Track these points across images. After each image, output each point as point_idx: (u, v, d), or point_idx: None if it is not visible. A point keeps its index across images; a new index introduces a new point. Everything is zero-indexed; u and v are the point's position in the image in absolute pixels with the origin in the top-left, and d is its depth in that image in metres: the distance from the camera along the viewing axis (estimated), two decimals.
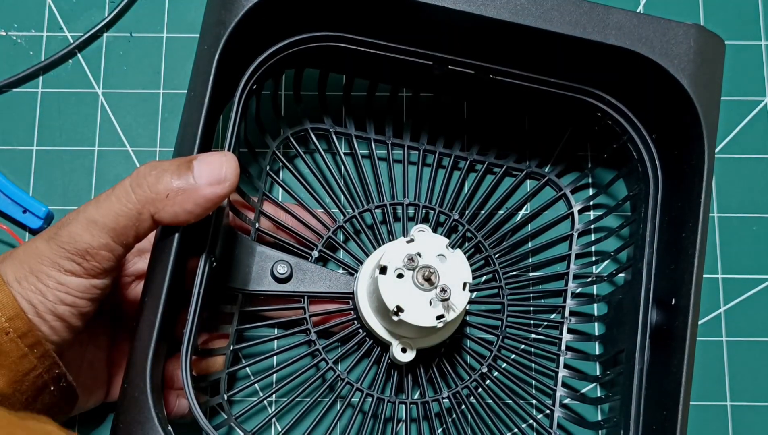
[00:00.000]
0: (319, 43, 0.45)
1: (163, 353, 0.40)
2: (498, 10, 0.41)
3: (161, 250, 0.38)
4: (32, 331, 0.36)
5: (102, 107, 0.52)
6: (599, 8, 0.41)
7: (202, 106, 0.39)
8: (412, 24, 0.43)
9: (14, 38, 0.53)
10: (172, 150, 0.41)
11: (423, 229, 0.45)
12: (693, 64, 0.41)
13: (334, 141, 0.50)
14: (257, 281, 0.45)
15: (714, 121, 0.41)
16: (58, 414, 0.39)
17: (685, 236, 0.41)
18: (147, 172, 0.37)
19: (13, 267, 0.36)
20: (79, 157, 0.51)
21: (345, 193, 0.49)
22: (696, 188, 0.41)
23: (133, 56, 0.53)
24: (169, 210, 0.36)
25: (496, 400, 0.47)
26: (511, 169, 0.51)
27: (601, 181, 0.51)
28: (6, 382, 0.35)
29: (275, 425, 0.48)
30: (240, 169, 0.38)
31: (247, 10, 0.40)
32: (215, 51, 0.40)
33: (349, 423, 0.45)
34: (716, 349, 0.50)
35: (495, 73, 0.45)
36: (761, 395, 0.49)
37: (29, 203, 0.49)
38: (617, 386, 0.45)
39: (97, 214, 0.36)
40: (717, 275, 0.51)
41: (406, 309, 0.42)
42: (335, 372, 0.46)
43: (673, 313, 0.41)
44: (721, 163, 0.52)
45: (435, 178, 0.50)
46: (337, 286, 0.46)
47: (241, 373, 0.48)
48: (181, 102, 0.41)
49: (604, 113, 0.46)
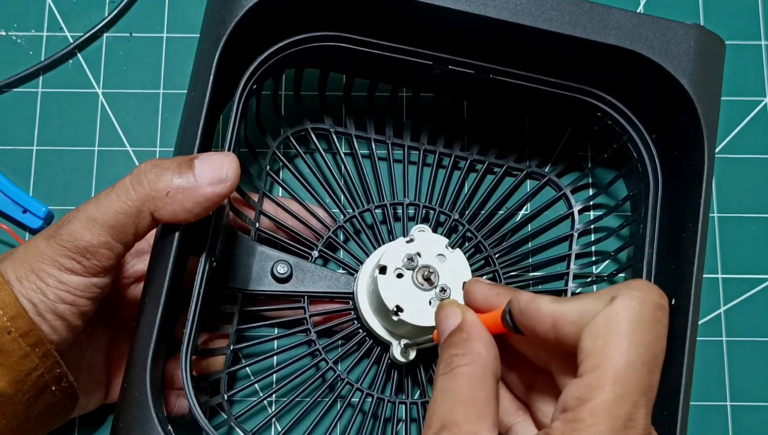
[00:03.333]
0: (319, 43, 0.45)
1: (163, 353, 0.40)
2: (498, 10, 0.41)
3: (161, 250, 0.38)
4: (34, 331, 0.36)
5: (102, 107, 0.52)
6: (599, 8, 0.41)
7: (202, 106, 0.39)
8: (412, 24, 0.43)
9: (14, 38, 0.53)
10: (172, 150, 0.41)
11: (423, 228, 0.45)
12: (693, 64, 0.41)
13: (335, 141, 0.50)
14: (257, 281, 0.45)
15: (714, 121, 0.41)
16: (59, 415, 0.39)
17: (685, 236, 0.41)
18: (147, 170, 0.37)
19: (13, 266, 0.36)
20: (79, 157, 0.51)
21: (345, 193, 0.49)
22: (696, 188, 0.41)
23: (133, 56, 0.53)
24: (169, 208, 0.36)
25: None
26: (512, 169, 0.51)
27: (601, 181, 0.51)
28: (8, 382, 0.35)
29: (275, 425, 0.48)
30: (240, 169, 0.38)
31: (247, 10, 0.40)
32: (215, 51, 0.40)
33: (349, 423, 0.45)
34: (716, 349, 0.50)
35: (495, 73, 0.45)
36: (761, 395, 0.49)
37: (29, 203, 0.49)
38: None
39: (97, 212, 0.36)
40: (717, 275, 0.51)
41: (405, 309, 0.42)
42: (335, 372, 0.46)
43: (673, 313, 0.41)
44: (721, 163, 0.52)
45: (435, 178, 0.50)
46: (337, 286, 0.46)
47: (241, 373, 0.48)
48: (181, 102, 0.41)
49: (604, 113, 0.46)
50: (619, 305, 0.27)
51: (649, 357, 0.27)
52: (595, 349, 0.27)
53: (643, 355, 0.27)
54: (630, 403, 0.27)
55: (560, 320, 0.29)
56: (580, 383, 0.27)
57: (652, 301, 0.28)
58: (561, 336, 0.29)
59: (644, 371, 0.27)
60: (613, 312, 0.27)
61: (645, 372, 0.27)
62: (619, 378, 0.27)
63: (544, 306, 0.30)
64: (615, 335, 0.27)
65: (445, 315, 0.33)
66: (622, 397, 0.27)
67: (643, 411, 0.27)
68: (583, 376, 0.27)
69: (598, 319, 0.28)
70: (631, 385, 0.27)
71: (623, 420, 0.26)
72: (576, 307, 0.29)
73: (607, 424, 0.26)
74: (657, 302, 0.28)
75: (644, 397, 0.27)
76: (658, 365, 0.28)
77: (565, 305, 0.29)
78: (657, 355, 0.28)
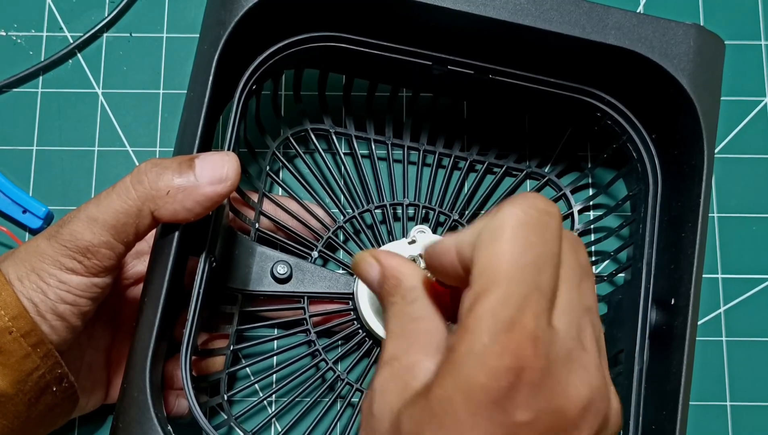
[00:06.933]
0: (318, 43, 0.45)
1: (162, 353, 0.40)
2: (497, 10, 0.41)
3: (161, 250, 0.38)
4: (35, 331, 0.36)
5: (102, 107, 0.52)
6: (599, 8, 0.41)
7: (202, 106, 0.39)
8: (411, 24, 0.43)
9: (14, 38, 0.53)
10: (172, 150, 0.41)
11: (423, 230, 0.45)
12: (693, 64, 0.41)
13: (334, 141, 0.50)
14: (257, 281, 0.45)
15: (714, 121, 0.41)
16: (60, 415, 0.39)
17: (685, 236, 0.41)
18: (148, 169, 0.37)
19: (14, 266, 0.36)
20: (79, 157, 0.51)
21: (345, 194, 0.49)
22: (695, 188, 0.41)
23: (133, 56, 0.53)
24: (170, 207, 0.36)
25: None
26: (511, 169, 0.51)
27: (600, 181, 0.51)
28: (9, 383, 0.35)
29: (275, 425, 0.48)
30: (240, 169, 0.38)
31: (246, 10, 0.40)
32: (215, 51, 0.40)
33: (349, 423, 0.45)
34: (716, 349, 0.50)
35: (494, 73, 0.45)
36: (761, 395, 0.49)
37: (29, 203, 0.49)
38: (617, 386, 0.45)
39: (98, 212, 0.36)
40: (717, 275, 0.51)
41: None
42: (335, 372, 0.46)
43: (673, 313, 0.41)
44: (721, 163, 0.52)
45: (435, 178, 0.50)
46: (337, 287, 0.46)
47: (241, 374, 0.48)
48: (181, 102, 0.41)
49: (603, 113, 0.46)
50: (502, 214, 0.27)
51: (535, 257, 0.26)
52: (482, 257, 0.27)
53: (527, 256, 0.26)
54: (513, 305, 0.26)
55: (460, 246, 0.28)
56: (470, 292, 0.27)
57: (535, 207, 0.27)
58: (464, 261, 0.28)
59: (531, 272, 0.26)
60: (497, 222, 0.27)
61: (531, 272, 0.26)
62: (502, 280, 0.26)
63: (446, 240, 0.29)
64: (498, 241, 0.27)
65: (364, 268, 0.33)
66: (503, 299, 0.26)
67: (531, 313, 0.26)
68: (472, 285, 0.27)
69: (483, 231, 0.27)
70: (515, 286, 0.26)
71: (505, 322, 0.25)
72: (471, 230, 0.28)
73: (488, 327, 0.25)
74: (542, 208, 0.27)
75: (531, 297, 0.26)
76: (549, 266, 0.27)
77: (463, 231, 0.29)
78: (546, 256, 0.27)
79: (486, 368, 0.25)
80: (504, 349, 0.25)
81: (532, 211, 0.27)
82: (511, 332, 0.25)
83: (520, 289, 0.26)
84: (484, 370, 0.25)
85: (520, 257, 0.26)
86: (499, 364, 0.25)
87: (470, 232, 0.28)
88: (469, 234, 0.28)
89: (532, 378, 0.26)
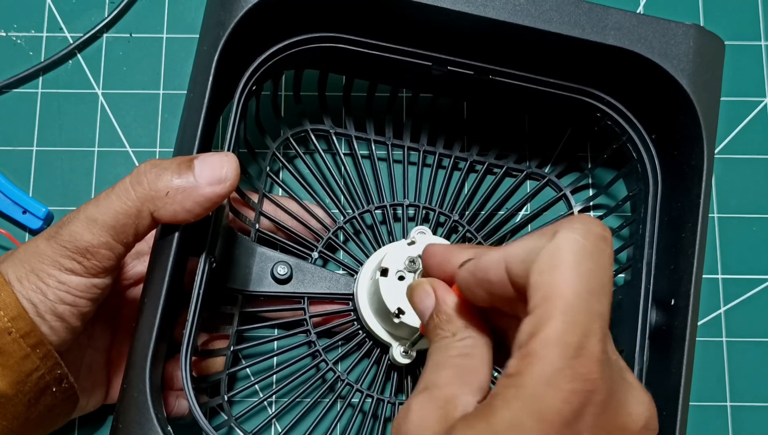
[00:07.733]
0: (318, 44, 0.45)
1: (162, 353, 0.40)
2: (497, 10, 0.41)
3: (161, 250, 0.38)
4: (34, 332, 0.36)
5: (102, 107, 0.52)
6: (598, 8, 0.41)
7: (202, 107, 0.39)
8: (411, 25, 0.43)
9: (14, 38, 0.53)
10: (172, 150, 0.41)
11: (423, 230, 0.45)
12: (692, 65, 0.41)
13: (334, 141, 0.50)
14: (257, 282, 0.45)
15: (713, 121, 0.41)
16: (59, 416, 0.39)
17: (685, 236, 0.41)
18: (147, 170, 0.37)
19: (14, 266, 0.36)
20: (79, 157, 0.51)
21: (345, 194, 0.49)
22: (695, 188, 0.41)
23: (133, 56, 0.53)
24: (169, 208, 0.36)
25: None
26: (511, 169, 0.51)
27: (601, 182, 0.51)
28: (8, 383, 0.35)
29: (275, 426, 0.48)
30: (240, 169, 0.38)
31: (246, 11, 0.40)
32: (215, 51, 0.40)
33: (349, 423, 0.45)
34: (716, 349, 0.50)
35: (494, 73, 0.45)
36: (761, 395, 0.49)
37: (29, 204, 0.49)
38: None
39: (97, 213, 0.36)
40: (717, 275, 0.51)
41: (407, 311, 0.42)
42: (335, 373, 0.46)
43: (673, 313, 0.41)
44: (721, 163, 0.52)
45: (435, 178, 0.50)
46: (337, 287, 0.46)
47: (241, 374, 0.48)
48: (181, 102, 0.41)
49: (603, 113, 0.46)
50: (561, 238, 0.27)
51: (596, 285, 0.27)
52: (542, 282, 0.27)
53: (588, 284, 0.27)
54: (580, 332, 0.26)
55: (510, 262, 0.29)
56: (531, 318, 0.27)
57: (593, 233, 0.28)
58: (514, 278, 0.29)
59: (592, 299, 0.27)
60: (556, 246, 0.27)
61: (592, 300, 0.27)
62: (567, 307, 0.27)
63: (494, 254, 0.30)
64: (560, 267, 0.27)
65: (419, 297, 0.33)
66: (571, 326, 0.26)
67: (595, 339, 0.27)
68: (533, 311, 0.27)
69: (542, 254, 0.28)
70: (579, 314, 0.27)
71: (574, 348, 0.26)
72: (522, 246, 0.29)
73: (559, 353, 0.26)
74: (599, 233, 0.28)
75: (594, 324, 0.27)
76: (606, 294, 0.28)
77: (513, 247, 0.29)
78: (604, 284, 0.28)
79: (559, 392, 0.26)
80: (575, 374, 0.26)
81: (591, 236, 0.28)
82: (580, 357, 0.26)
83: (583, 316, 0.27)
84: (558, 393, 0.26)
85: (582, 285, 0.27)
86: (572, 387, 0.26)
87: (521, 249, 0.29)
88: (520, 250, 0.29)
89: (600, 399, 0.27)
